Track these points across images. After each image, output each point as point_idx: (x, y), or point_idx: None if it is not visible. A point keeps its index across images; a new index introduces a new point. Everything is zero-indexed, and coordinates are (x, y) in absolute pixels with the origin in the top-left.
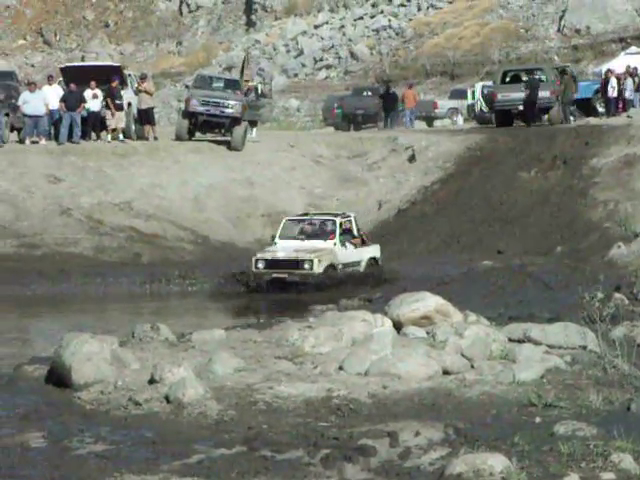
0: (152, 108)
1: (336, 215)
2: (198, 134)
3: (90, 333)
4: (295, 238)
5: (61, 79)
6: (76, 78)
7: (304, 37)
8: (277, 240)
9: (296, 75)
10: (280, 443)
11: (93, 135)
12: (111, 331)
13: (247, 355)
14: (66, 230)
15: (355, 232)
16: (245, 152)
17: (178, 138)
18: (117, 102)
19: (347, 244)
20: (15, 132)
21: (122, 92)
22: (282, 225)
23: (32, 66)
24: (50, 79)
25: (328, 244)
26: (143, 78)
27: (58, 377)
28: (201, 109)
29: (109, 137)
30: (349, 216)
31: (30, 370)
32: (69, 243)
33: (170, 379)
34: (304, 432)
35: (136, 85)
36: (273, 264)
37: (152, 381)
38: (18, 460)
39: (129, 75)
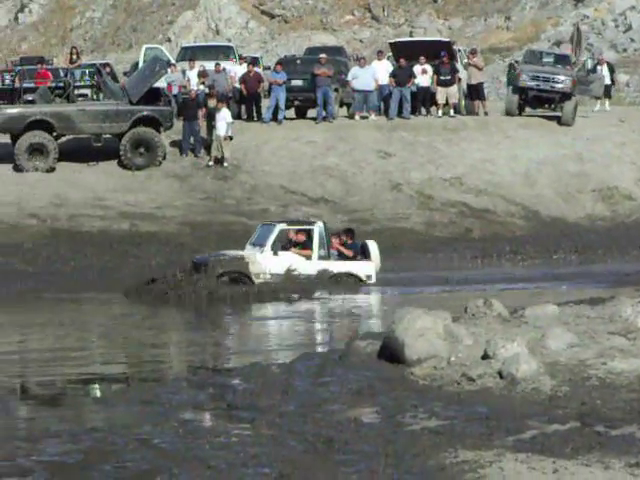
0: (482, 83)
1: (284, 222)
2: (528, 109)
3: (423, 309)
4: (255, 245)
5: (390, 54)
6: (405, 53)
7: (633, 12)
8: (247, 246)
9: (625, 50)
10: (614, 419)
11: (423, 110)
12: (445, 308)
13: (580, 331)
14: (396, 205)
15: (315, 243)
16: (575, 127)
17: (508, 113)
18: (444, 78)
19: (283, 253)
20: (345, 107)
21: (452, 67)
22: (256, 230)
23: (360, 41)
24: (379, 54)
25: (255, 252)
26: (473, 53)
27: (391, 353)
28: (531, 84)
29: (439, 112)
30: (311, 223)
31: (363, 345)
32: (400, 218)
33: (503, 354)
34: (638, 408)
35: (466, 60)
36: (194, 266)
37: (485, 357)
38: (351, 435)
39: (458, 50)
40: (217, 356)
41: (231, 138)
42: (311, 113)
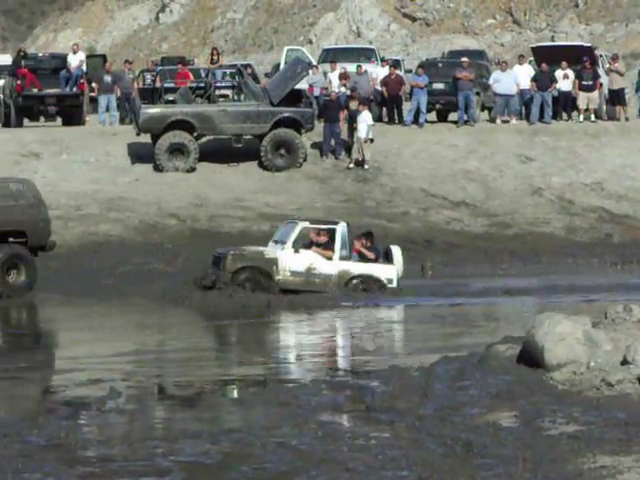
0: (623, 89)
1: (307, 220)
2: None
3: (562, 314)
4: (276, 242)
5: (532, 58)
6: (547, 58)
7: None
8: (270, 243)
9: None
10: None
11: (564, 115)
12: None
13: None
14: (537, 210)
15: (337, 243)
16: None
17: None
18: (586, 83)
19: (304, 252)
20: (486, 111)
21: (595, 72)
22: (279, 228)
23: (501, 45)
24: (521, 58)
25: (275, 248)
26: (614, 58)
27: (530, 357)
28: None
29: (581, 117)
30: (334, 223)
31: (502, 349)
32: (540, 223)
33: None
34: None
35: (607, 65)
36: (214, 260)
37: (624, 362)
38: (490, 439)
39: (600, 55)
40: (355, 359)
41: (372, 140)
42: (452, 116)
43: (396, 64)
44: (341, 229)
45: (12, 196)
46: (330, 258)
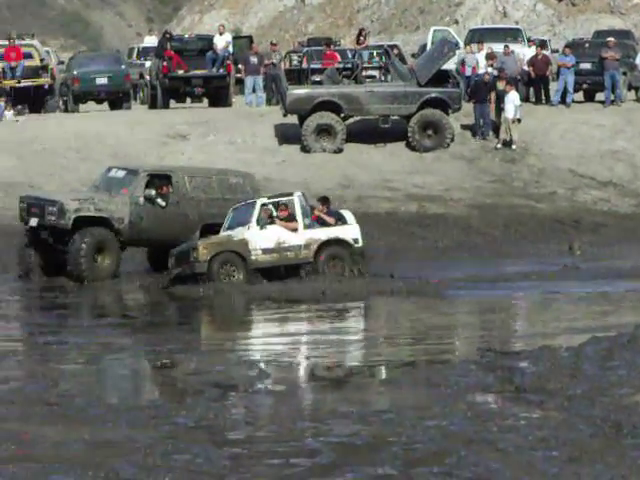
0: None
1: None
2: None
3: None
4: (232, 228)
5: None
6: None
7: None
8: (221, 232)
9: None
10: None
11: None
12: None
13: None
14: None
15: (298, 213)
16: None
17: None
18: None
19: (270, 227)
20: (633, 91)
21: None
22: (227, 216)
23: None
24: None
25: (241, 230)
26: None
27: None
28: None
29: None
30: (290, 195)
31: None
32: None
33: None
34: None
35: None
36: (178, 258)
37: None
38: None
39: None
40: (504, 339)
41: (519, 121)
42: (599, 96)
43: (543, 44)
44: (299, 199)
45: (230, 189)
46: (295, 229)
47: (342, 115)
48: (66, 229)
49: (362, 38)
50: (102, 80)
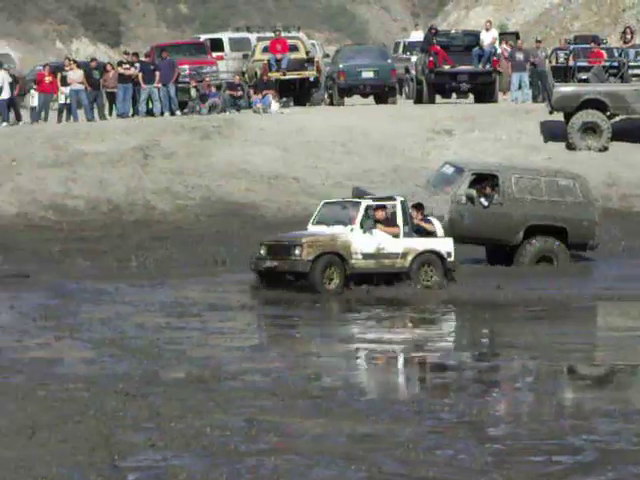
0: None
1: (368, 198)
2: None
3: None
4: (327, 223)
5: None
6: None
7: None
8: (309, 226)
9: None
10: None
11: None
12: None
13: None
14: None
15: (400, 219)
16: None
17: None
18: None
19: (373, 231)
20: None
21: None
22: (318, 209)
23: None
24: None
25: (344, 230)
26: None
27: None
28: None
29: None
30: (392, 199)
31: None
32: None
33: None
34: None
35: None
36: (271, 250)
37: None
38: None
39: None
40: None
41: None
42: None
43: None
44: (402, 204)
45: (559, 192)
46: (397, 235)
47: (608, 113)
48: None
49: (628, 37)
50: (368, 74)
